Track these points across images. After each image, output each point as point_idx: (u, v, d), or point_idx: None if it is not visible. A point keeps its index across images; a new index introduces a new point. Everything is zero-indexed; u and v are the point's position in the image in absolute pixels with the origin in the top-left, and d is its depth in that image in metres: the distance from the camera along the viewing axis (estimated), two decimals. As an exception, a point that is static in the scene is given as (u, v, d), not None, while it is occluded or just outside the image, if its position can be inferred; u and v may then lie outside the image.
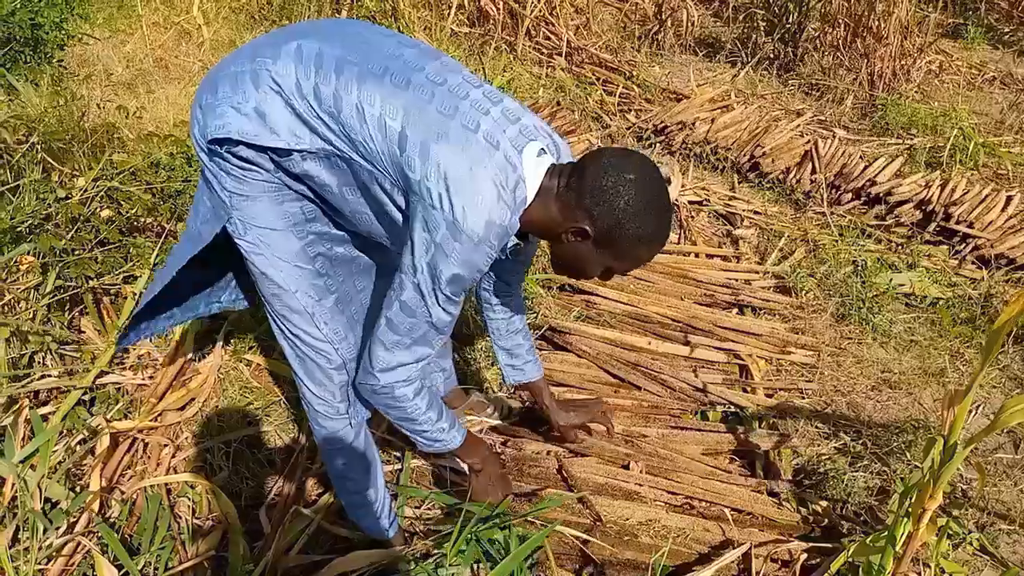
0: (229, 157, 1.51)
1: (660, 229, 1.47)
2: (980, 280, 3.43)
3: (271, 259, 1.63)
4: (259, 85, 1.45)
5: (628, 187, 1.41)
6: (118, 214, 2.78)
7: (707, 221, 3.90)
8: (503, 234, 1.45)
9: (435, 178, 1.38)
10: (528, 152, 1.46)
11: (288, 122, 1.46)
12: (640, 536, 2.07)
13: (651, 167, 1.46)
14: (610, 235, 1.45)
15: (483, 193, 1.39)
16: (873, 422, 2.64)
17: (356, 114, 1.42)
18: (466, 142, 1.40)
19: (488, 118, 1.44)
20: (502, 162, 1.42)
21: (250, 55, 1.49)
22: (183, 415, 2.36)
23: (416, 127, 1.40)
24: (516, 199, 1.44)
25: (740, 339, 2.94)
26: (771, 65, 5.79)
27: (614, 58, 5.64)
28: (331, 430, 1.84)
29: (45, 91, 3.57)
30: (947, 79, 5.71)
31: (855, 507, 2.27)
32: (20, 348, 2.35)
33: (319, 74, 1.43)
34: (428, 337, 1.55)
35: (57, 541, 1.90)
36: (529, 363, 2.13)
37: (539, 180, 1.48)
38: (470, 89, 1.47)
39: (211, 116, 1.48)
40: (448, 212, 1.38)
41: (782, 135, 4.57)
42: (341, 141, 1.45)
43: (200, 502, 2.13)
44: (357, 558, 1.96)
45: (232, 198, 1.57)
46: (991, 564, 2.14)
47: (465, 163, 1.39)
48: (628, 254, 1.50)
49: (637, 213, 1.42)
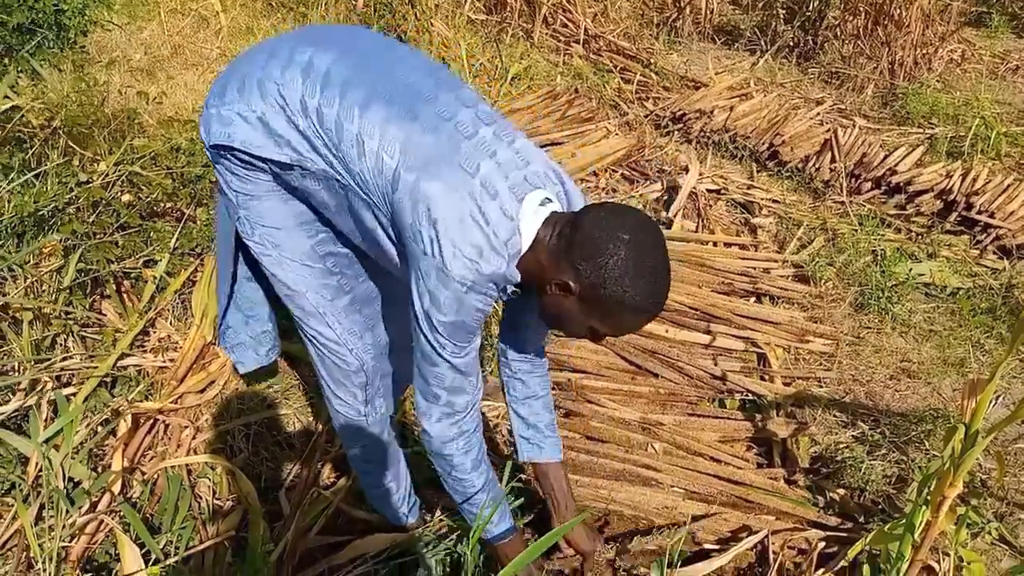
0: (233, 159, 1.50)
1: (649, 297, 1.35)
2: (1001, 270, 3.40)
3: (278, 259, 1.61)
4: (265, 96, 1.42)
5: (618, 246, 1.30)
6: (138, 199, 2.80)
7: (725, 209, 3.88)
8: (499, 280, 1.38)
9: (425, 223, 1.33)
10: (529, 201, 1.38)
11: (291, 137, 1.43)
12: (656, 522, 2.07)
13: (651, 229, 1.36)
14: (594, 294, 1.34)
15: (473, 241, 1.33)
16: (891, 411, 2.62)
17: (356, 145, 1.37)
18: (460, 187, 1.33)
19: (491, 162, 1.37)
20: (497, 213, 1.34)
21: (263, 60, 1.45)
22: (203, 397, 2.38)
23: (411, 167, 1.34)
24: (509, 250, 1.37)
25: (758, 327, 2.93)
26: (791, 53, 5.75)
27: (632, 45, 5.61)
28: (354, 428, 1.84)
29: (68, 76, 3.59)
30: (969, 68, 5.65)
31: (873, 495, 2.26)
32: (43, 330, 2.37)
33: (324, 95, 1.39)
34: (458, 384, 1.49)
35: (80, 519, 1.93)
36: (549, 439, 1.87)
37: (535, 230, 1.39)
38: (480, 127, 1.40)
39: (216, 121, 1.47)
40: (438, 259, 1.32)
41: (801, 124, 4.54)
42: (340, 168, 1.41)
43: (220, 483, 2.15)
44: (376, 540, 1.98)
45: (239, 197, 1.56)
46: (1010, 553, 2.13)
47: (456, 209, 1.32)
48: (612, 317, 1.38)
49: (625, 276, 1.31)
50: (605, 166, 4.07)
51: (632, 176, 4.08)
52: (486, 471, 1.64)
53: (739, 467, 2.29)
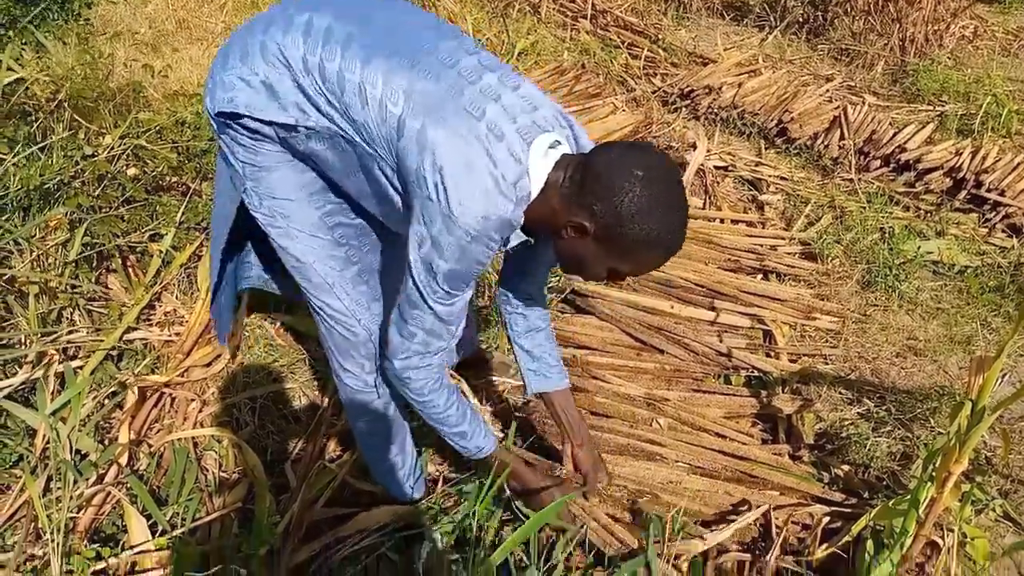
0: (239, 128, 1.49)
1: (668, 233, 1.33)
2: (1010, 248, 3.38)
3: (287, 230, 1.61)
4: (267, 58, 1.42)
5: (633, 183, 1.29)
6: (144, 172, 2.80)
7: (733, 186, 3.86)
8: (504, 227, 1.37)
9: (431, 168, 1.31)
10: (538, 144, 1.37)
11: (295, 98, 1.42)
12: (660, 496, 2.08)
13: (665, 164, 1.35)
14: (610, 234, 1.34)
15: (479, 185, 1.31)
16: (897, 388, 2.62)
17: (358, 94, 1.36)
18: (466, 131, 1.32)
19: (497, 105, 1.35)
20: (504, 154, 1.33)
21: (263, 26, 1.45)
22: (209, 371, 2.39)
23: (416, 113, 1.33)
24: (519, 192, 1.35)
25: (765, 304, 2.93)
26: (800, 29, 5.70)
27: (640, 21, 5.57)
28: (361, 401, 1.85)
29: (72, 49, 3.57)
30: (981, 45, 5.59)
31: (877, 472, 2.26)
32: (49, 304, 2.38)
33: (325, 50, 1.38)
34: (437, 330, 1.50)
35: (88, 491, 1.94)
36: (554, 369, 1.94)
37: (546, 173, 1.38)
38: (484, 73, 1.39)
39: (221, 88, 1.46)
40: (444, 204, 1.31)
41: (810, 100, 4.51)
42: (344, 121, 1.41)
43: (226, 456, 2.16)
44: (381, 512, 1.99)
45: (245, 168, 1.55)
46: (1013, 530, 2.13)
47: (462, 154, 1.31)
48: (631, 256, 1.37)
49: (641, 213, 1.29)
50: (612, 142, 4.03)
51: (639, 153, 4.05)
52: (460, 407, 1.69)
53: (744, 443, 2.30)
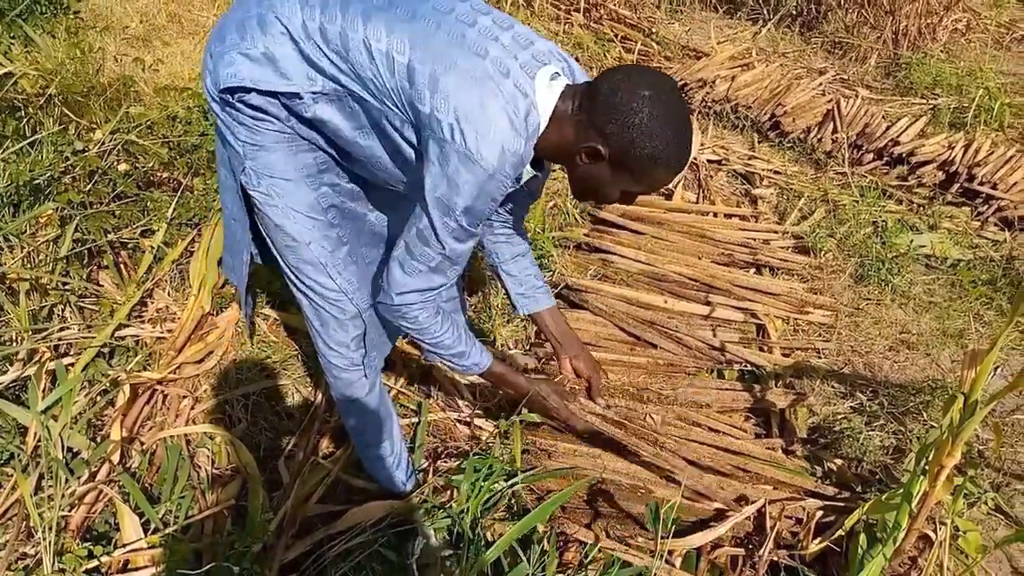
0: (241, 107, 1.50)
1: (678, 148, 1.41)
2: (1002, 242, 3.38)
3: (284, 210, 1.62)
4: (266, 29, 1.44)
5: (642, 103, 1.35)
6: (135, 168, 2.78)
7: (726, 180, 3.86)
8: (517, 163, 1.42)
9: (445, 110, 1.36)
10: (541, 77, 1.42)
11: (297, 65, 1.45)
12: (654, 491, 2.08)
13: (668, 83, 1.41)
14: (625, 155, 1.40)
15: (495, 122, 1.36)
16: (890, 382, 2.62)
17: (364, 51, 1.40)
18: (475, 71, 1.37)
19: (497, 44, 1.41)
20: (512, 89, 1.38)
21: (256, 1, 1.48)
22: (201, 368, 2.38)
23: (424, 60, 1.37)
24: (529, 126, 1.41)
25: (758, 298, 2.93)
26: (793, 22, 5.69)
27: (633, 14, 5.55)
28: (346, 381, 1.85)
29: (61, 43, 3.55)
30: (974, 38, 5.59)
31: (870, 466, 2.27)
32: (40, 301, 2.37)
33: (324, 14, 1.41)
34: (442, 267, 1.55)
35: (80, 489, 1.93)
36: (540, 290, 2.05)
37: (552, 104, 1.44)
38: (478, 16, 1.44)
39: (221, 64, 1.47)
40: (460, 143, 1.36)
41: (804, 94, 4.50)
42: (350, 80, 1.44)
43: (219, 453, 2.15)
44: (374, 508, 1.99)
45: (245, 148, 1.56)
46: (1006, 523, 2.14)
47: (475, 92, 1.36)
48: (645, 175, 1.44)
49: (652, 131, 1.36)
50: (605, 136, 4.03)
51: (632, 146, 4.05)
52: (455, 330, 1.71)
53: (737, 437, 2.30)
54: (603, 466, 2.12)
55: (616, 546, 1.92)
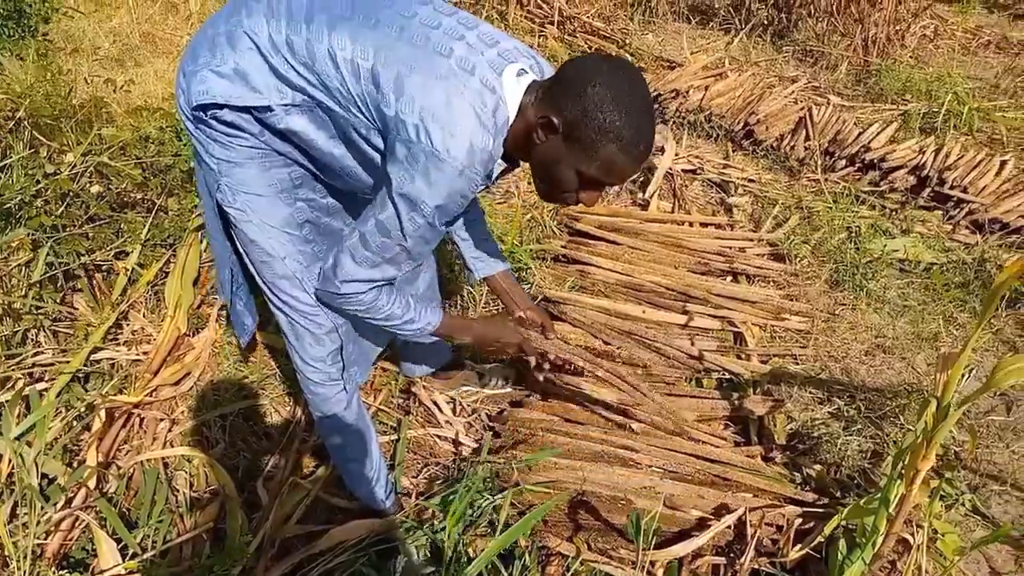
0: (215, 123, 1.51)
1: (632, 126, 1.37)
2: (974, 245, 3.42)
3: (259, 225, 1.62)
4: (235, 45, 1.45)
5: (598, 76, 1.35)
6: (108, 189, 2.77)
7: (701, 190, 3.89)
8: (487, 159, 1.42)
9: (410, 111, 1.36)
10: (508, 73, 1.43)
11: (267, 78, 1.46)
12: (635, 502, 2.08)
13: (629, 67, 1.41)
14: (576, 126, 1.38)
15: (462, 120, 1.37)
16: (866, 386, 2.65)
17: (329, 61, 1.41)
18: (439, 70, 1.38)
19: (462, 43, 1.42)
20: (479, 86, 1.39)
21: (226, 15, 1.49)
22: (178, 389, 2.36)
23: (388, 63, 1.38)
24: (497, 122, 1.41)
25: (734, 306, 2.95)
26: (765, 32, 5.75)
27: (607, 26, 5.59)
28: (323, 396, 1.85)
29: (31, 65, 3.52)
30: (942, 44, 5.68)
31: (849, 471, 2.29)
32: (13, 325, 2.34)
33: (290, 26, 1.43)
34: (398, 260, 1.54)
35: (55, 516, 1.91)
36: (495, 255, 2.08)
37: (519, 98, 1.45)
38: (442, 18, 1.45)
39: (194, 82, 1.48)
40: (427, 143, 1.36)
41: (776, 102, 4.55)
42: (317, 90, 1.45)
43: (197, 475, 2.13)
44: (355, 527, 1.98)
45: (220, 164, 1.56)
46: (983, 524, 2.16)
47: (440, 91, 1.37)
48: (597, 152, 1.39)
49: (605, 103, 1.34)
50: (581, 148, 4.05)
51: (608, 158, 4.07)
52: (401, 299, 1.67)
53: (716, 446, 2.31)
54: (583, 478, 2.12)
55: (598, 558, 1.92)
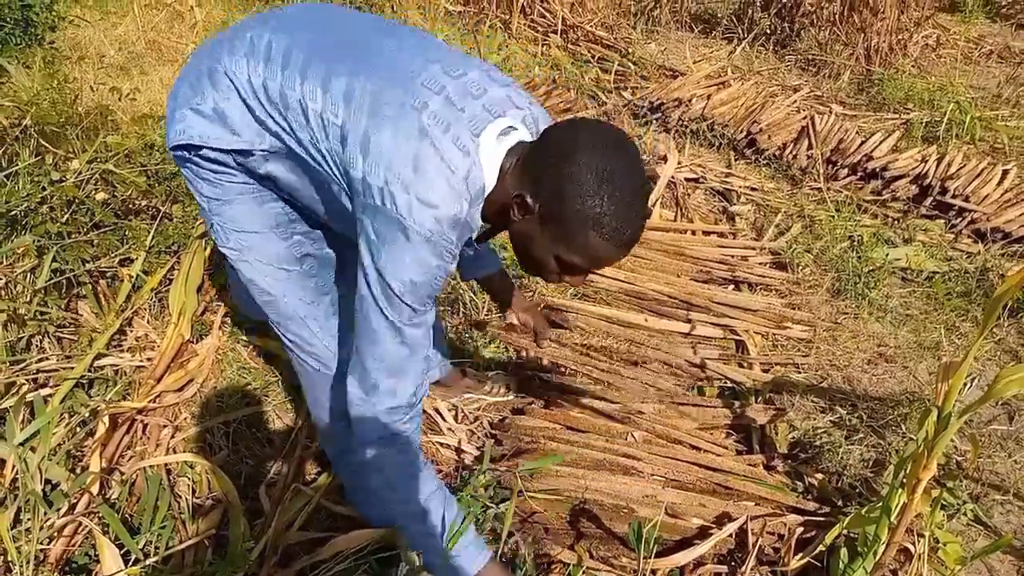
0: (199, 161, 1.46)
1: (618, 214, 1.19)
2: (976, 254, 3.43)
3: (255, 264, 1.57)
4: (216, 84, 1.39)
5: (579, 155, 1.18)
6: (113, 197, 2.78)
7: (703, 198, 3.90)
8: (461, 228, 1.29)
9: (375, 173, 1.24)
10: (488, 133, 1.29)
11: (247, 121, 1.39)
12: (637, 511, 2.08)
13: (619, 141, 1.23)
14: (552, 209, 1.22)
15: (429, 184, 1.23)
16: (868, 395, 2.65)
17: (300, 111, 1.32)
18: (410, 129, 1.24)
19: (439, 97, 1.27)
20: (451, 148, 1.25)
21: (208, 52, 1.43)
22: (182, 396, 2.37)
23: (357, 121, 1.27)
24: (471, 188, 1.27)
25: (737, 315, 2.95)
26: (767, 41, 5.77)
27: (610, 35, 5.61)
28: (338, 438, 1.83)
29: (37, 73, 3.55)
30: (944, 53, 5.70)
31: (851, 479, 2.29)
32: (18, 332, 2.35)
33: (267, 69, 1.35)
34: (400, 364, 1.38)
35: (58, 521, 1.91)
36: (488, 255, 1.98)
37: (499, 162, 1.30)
38: (426, 66, 1.31)
39: (173, 121, 1.43)
40: (391, 208, 1.23)
41: (779, 111, 4.56)
42: (291, 140, 1.37)
43: (200, 481, 2.14)
44: (358, 536, 1.97)
45: (210, 203, 1.52)
46: (985, 534, 2.16)
47: (407, 153, 1.24)
48: (576, 239, 1.23)
49: (586, 185, 1.17)
50: (584, 156, 4.06)
51: (611, 166, 4.08)
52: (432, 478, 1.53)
53: (718, 454, 2.31)
54: (585, 486, 2.12)
55: (600, 566, 1.93)
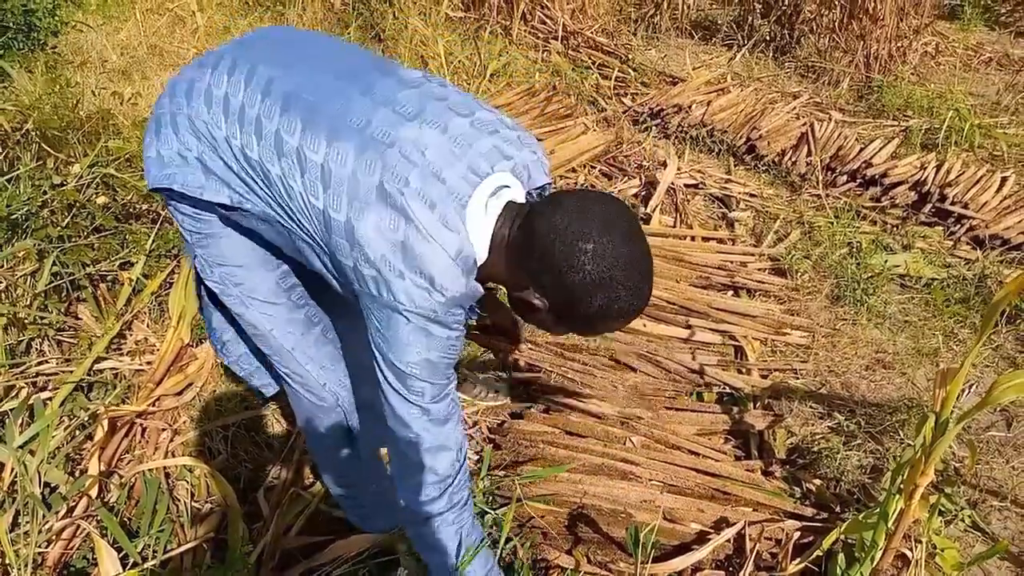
0: (181, 199, 1.40)
1: (629, 300, 1.19)
2: (975, 261, 3.43)
3: (240, 298, 1.53)
4: (198, 135, 1.34)
5: (582, 259, 1.14)
6: (114, 201, 2.79)
7: (703, 204, 3.90)
8: (462, 300, 1.25)
9: (365, 264, 1.21)
10: (475, 201, 1.22)
11: (228, 178, 1.33)
12: (635, 516, 2.09)
13: (616, 222, 1.18)
14: (566, 311, 1.22)
15: (423, 269, 1.19)
16: (867, 402, 2.65)
17: (282, 188, 1.27)
18: (392, 213, 1.19)
19: (418, 172, 1.20)
20: (438, 229, 1.19)
21: (185, 96, 1.35)
22: (181, 400, 2.38)
23: (338, 204, 1.21)
24: (463, 264, 1.22)
25: (735, 321, 2.96)
26: (767, 47, 5.78)
27: (610, 42, 5.62)
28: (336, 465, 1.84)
29: (39, 78, 3.56)
30: (943, 60, 5.70)
31: (848, 485, 2.29)
32: (18, 335, 2.36)
33: (244, 135, 1.29)
34: (438, 441, 1.33)
35: (57, 525, 1.92)
36: None
37: (490, 230, 1.25)
38: (401, 127, 1.23)
39: (157, 164, 1.38)
40: (388, 297, 1.20)
41: (778, 118, 4.57)
42: (276, 209, 1.31)
43: (199, 485, 2.14)
44: (357, 541, 1.98)
45: (194, 236, 1.48)
46: (983, 540, 2.16)
47: (395, 240, 1.19)
48: (594, 327, 1.26)
49: (597, 288, 1.16)
50: (584, 162, 4.08)
51: (610, 172, 4.09)
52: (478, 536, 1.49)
53: (717, 460, 2.31)
54: (583, 491, 2.13)
55: (598, 571, 1.93)
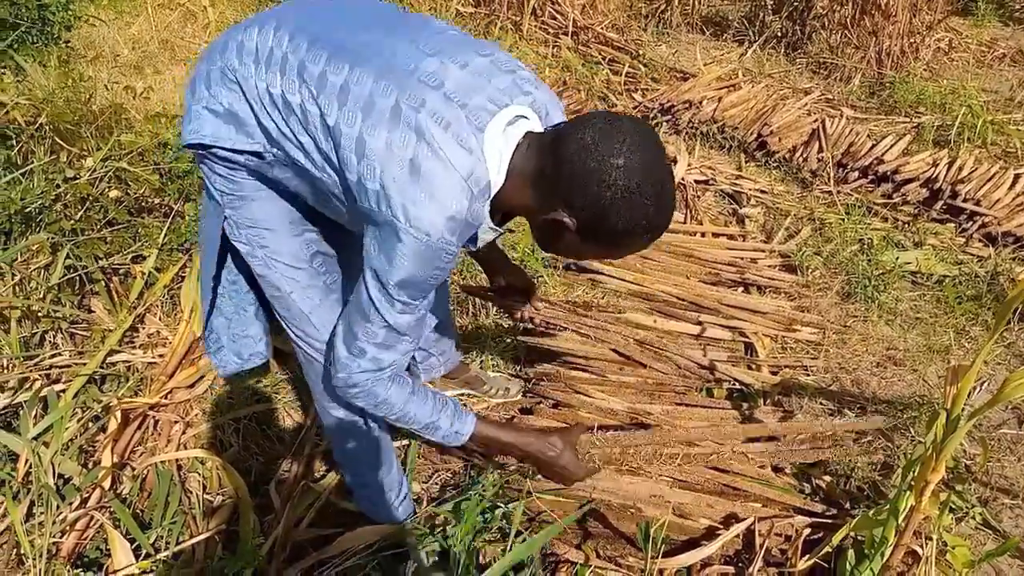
0: (213, 158, 1.46)
1: (655, 219, 1.23)
2: (987, 258, 3.42)
3: (265, 260, 1.57)
4: (228, 85, 1.38)
5: (616, 175, 1.18)
6: (126, 194, 2.81)
7: (713, 200, 3.90)
8: (462, 228, 1.27)
9: (371, 176, 1.23)
10: (493, 127, 1.26)
11: (255, 125, 1.39)
12: (644, 511, 2.09)
13: (643, 141, 1.21)
14: (595, 229, 1.25)
15: (427, 186, 1.22)
16: (877, 398, 2.65)
17: (300, 116, 1.31)
18: (404, 129, 1.22)
19: (438, 93, 1.24)
20: (452, 145, 1.22)
21: (220, 50, 1.41)
22: (193, 392, 2.39)
23: (351, 120, 1.25)
24: (474, 187, 1.25)
25: (746, 317, 2.95)
26: (778, 43, 5.76)
27: (620, 37, 5.62)
28: (345, 428, 1.83)
29: (53, 72, 3.58)
30: (956, 57, 5.68)
31: (858, 482, 2.29)
32: (31, 328, 2.38)
33: (269, 73, 1.33)
34: (389, 342, 1.40)
35: (71, 515, 1.94)
36: None
37: (509, 156, 1.28)
38: (423, 59, 1.28)
39: (188, 120, 1.43)
40: (387, 212, 1.23)
41: (789, 114, 4.56)
42: (293, 147, 1.36)
43: (210, 477, 2.16)
44: (366, 533, 1.99)
45: (224, 197, 1.52)
46: (994, 538, 2.16)
47: (403, 156, 1.22)
48: (620, 246, 1.29)
49: (626, 203, 1.19)
50: (594, 158, 4.07)
51: (621, 168, 4.08)
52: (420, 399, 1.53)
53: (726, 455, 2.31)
54: (593, 486, 2.13)
55: (607, 566, 1.93)
